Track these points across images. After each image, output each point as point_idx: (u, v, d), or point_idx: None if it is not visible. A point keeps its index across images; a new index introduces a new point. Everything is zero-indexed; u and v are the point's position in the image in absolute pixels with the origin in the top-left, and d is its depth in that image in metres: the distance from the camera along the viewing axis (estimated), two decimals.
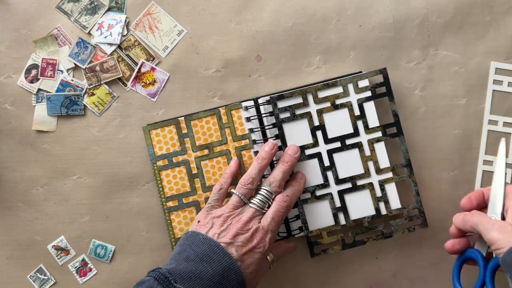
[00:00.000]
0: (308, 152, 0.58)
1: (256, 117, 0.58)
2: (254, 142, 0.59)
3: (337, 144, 0.58)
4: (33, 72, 0.60)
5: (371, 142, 0.57)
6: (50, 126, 0.60)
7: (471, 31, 0.60)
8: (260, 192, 0.54)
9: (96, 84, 0.60)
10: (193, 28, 0.60)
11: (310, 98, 0.57)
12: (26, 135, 0.60)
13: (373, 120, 0.57)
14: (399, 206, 0.58)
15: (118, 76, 0.60)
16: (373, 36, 0.60)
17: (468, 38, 0.60)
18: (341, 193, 0.58)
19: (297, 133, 0.57)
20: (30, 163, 0.60)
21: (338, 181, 0.58)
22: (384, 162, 0.57)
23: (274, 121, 0.58)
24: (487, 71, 0.60)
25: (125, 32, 0.60)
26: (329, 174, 0.58)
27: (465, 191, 0.60)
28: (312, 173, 0.58)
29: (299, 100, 0.57)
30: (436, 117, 0.60)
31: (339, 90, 0.58)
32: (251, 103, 0.59)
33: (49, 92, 0.60)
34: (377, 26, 0.60)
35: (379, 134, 0.58)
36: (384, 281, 0.60)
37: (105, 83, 0.60)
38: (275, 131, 0.58)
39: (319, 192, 0.58)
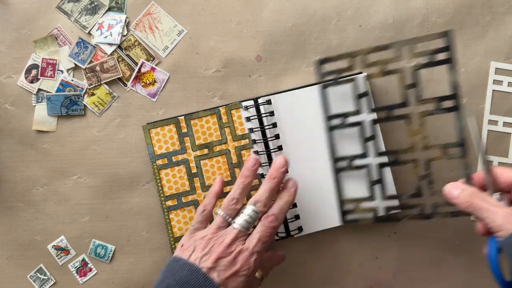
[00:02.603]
0: (350, 119, 0.55)
1: (256, 116, 0.58)
2: (254, 142, 0.59)
3: (383, 114, 0.54)
4: (33, 72, 0.60)
5: (422, 115, 0.52)
6: (50, 126, 0.60)
7: (471, 31, 0.60)
8: (245, 211, 0.51)
9: (96, 84, 0.60)
10: (193, 28, 0.60)
11: (358, 61, 0.53)
12: (26, 135, 0.60)
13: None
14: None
15: (118, 76, 0.60)
16: (373, 36, 0.60)
17: (468, 38, 0.60)
18: (381, 166, 0.55)
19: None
20: (30, 163, 0.60)
21: (379, 154, 0.55)
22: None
23: (274, 121, 0.58)
24: (487, 71, 0.60)
25: (125, 32, 0.60)
26: (370, 145, 0.55)
27: None
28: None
29: (345, 63, 0.54)
30: (436, 117, 0.60)
31: (391, 54, 0.52)
32: (251, 102, 0.59)
33: (49, 92, 0.60)
34: (377, 26, 0.60)
35: (432, 106, 0.52)
36: (384, 281, 0.61)
37: (105, 83, 0.60)
38: (275, 131, 0.58)
39: (357, 162, 0.56)
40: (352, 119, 0.55)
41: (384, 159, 0.55)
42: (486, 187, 0.49)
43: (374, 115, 0.55)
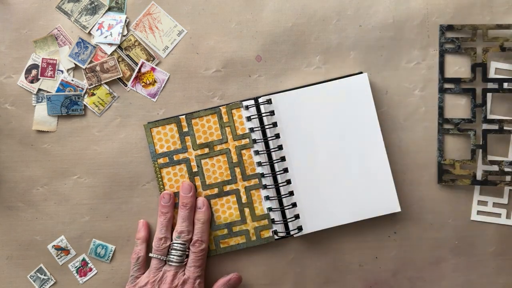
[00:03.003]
0: (463, 86, 0.59)
1: (256, 116, 0.59)
2: (254, 141, 0.59)
3: (495, 86, 0.58)
4: (33, 72, 0.60)
5: None
6: (50, 126, 0.60)
7: (471, 31, 0.60)
8: (174, 247, 0.56)
9: (96, 84, 0.60)
10: (193, 28, 0.60)
11: (479, 35, 0.58)
12: (26, 135, 0.60)
13: None
14: None
15: (118, 76, 0.60)
16: (373, 36, 0.60)
17: (468, 38, 0.60)
18: (485, 132, 0.58)
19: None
20: (30, 163, 0.60)
21: (486, 120, 0.58)
22: None
23: (274, 120, 0.58)
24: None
25: (125, 32, 0.60)
26: (478, 110, 0.59)
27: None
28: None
29: (467, 34, 0.59)
30: (436, 117, 0.60)
31: (510, 32, 0.58)
32: (252, 102, 0.59)
33: (49, 92, 0.60)
34: (377, 26, 0.60)
35: None
36: (384, 281, 0.61)
37: (105, 83, 0.60)
38: (275, 130, 0.58)
39: (463, 126, 0.59)
40: (464, 86, 0.59)
41: (492, 126, 0.59)
42: None
43: (486, 85, 0.59)
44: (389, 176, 0.58)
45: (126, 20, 0.60)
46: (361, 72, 0.59)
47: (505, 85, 0.58)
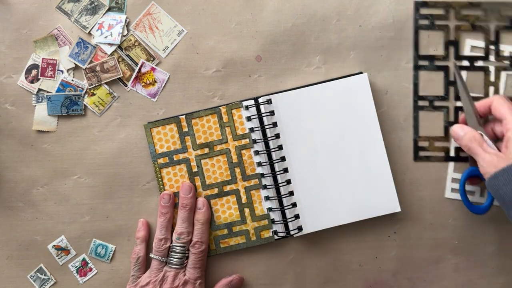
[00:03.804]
0: (437, 63, 0.59)
1: (256, 116, 0.59)
2: (254, 141, 0.59)
3: (466, 63, 0.59)
4: (33, 72, 0.60)
5: (498, 69, 0.59)
6: (51, 126, 0.60)
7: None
8: (174, 249, 0.56)
9: (97, 84, 0.60)
10: (193, 28, 0.60)
11: (451, 12, 0.59)
12: (27, 135, 0.60)
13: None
14: None
15: (118, 76, 0.60)
16: (373, 36, 0.60)
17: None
18: (457, 110, 0.59)
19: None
20: (31, 163, 0.60)
21: (458, 98, 0.59)
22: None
23: (274, 120, 0.58)
24: None
25: (125, 32, 0.60)
26: (451, 89, 0.59)
27: None
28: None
29: (441, 11, 0.59)
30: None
31: (480, 12, 0.59)
32: (252, 102, 0.59)
33: (50, 92, 0.60)
34: (377, 26, 0.60)
35: (508, 62, 0.59)
36: (384, 281, 0.61)
37: (106, 83, 0.60)
38: (275, 130, 0.58)
39: (437, 103, 0.59)
40: (437, 63, 0.60)
41: (461, 104, 0.59)
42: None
43: (459, 63, 0.59)
44: (389, 176, 0.58)
45: (126, 20, 0.60)
46: (361, 72, 0.59)
47: (479, 63, 0.59)
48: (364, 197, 0.58)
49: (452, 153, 0.59)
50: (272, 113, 0.58)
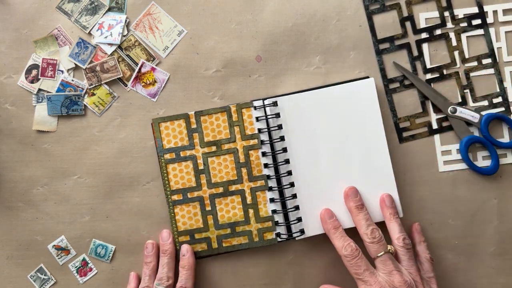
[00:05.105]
0: (397, 42, 0.60)
1: (264, 117, 0.58)
2: (262, 142, 0.59)
3: (425, 35, 0.60)
4: (34, 72, 0.60)
5: (458, 33, 0.59)
6: (51, 126, 0.60)
7: None
8: None
9: (97, 84, 0.60)
10: (193, 28, 0.60)
11: None
12: (27, 135, 0.60)
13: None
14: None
15: (118, 76, 0.60)
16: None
17: None
18: (429, 82, 0.60)
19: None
20: (31, 163, 0.60)
21: (426, 70, 0.60)
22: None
23: (279, 122, 0.58)
24: None
25: (126, 32, 0.60)
26: (418, 64, 0.60)
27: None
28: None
29: None
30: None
31: None
32: (260, 102, 0.58)
33: (50, 92, 0.60)
34: (377, 26, 0.60)
35: (464, 24, 0.60)
36: None
37: (106, 83, 0.60)
38: (280, 132, 0.58)
39: (407, 82, 0.60)
40: (398, 42, 0.60)
41: (431, 75, 0.60)
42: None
43: (418, 36, 0.60)
44: (393, 182, 0.57)
45: (126, 20, 0.60)
46: (368, 77, 0.59)
47: (437, 32, 0.60)
48: (367, 203, 0.57)
49: (434, 125, 0.60)
50: (277, 115, 0.58)
